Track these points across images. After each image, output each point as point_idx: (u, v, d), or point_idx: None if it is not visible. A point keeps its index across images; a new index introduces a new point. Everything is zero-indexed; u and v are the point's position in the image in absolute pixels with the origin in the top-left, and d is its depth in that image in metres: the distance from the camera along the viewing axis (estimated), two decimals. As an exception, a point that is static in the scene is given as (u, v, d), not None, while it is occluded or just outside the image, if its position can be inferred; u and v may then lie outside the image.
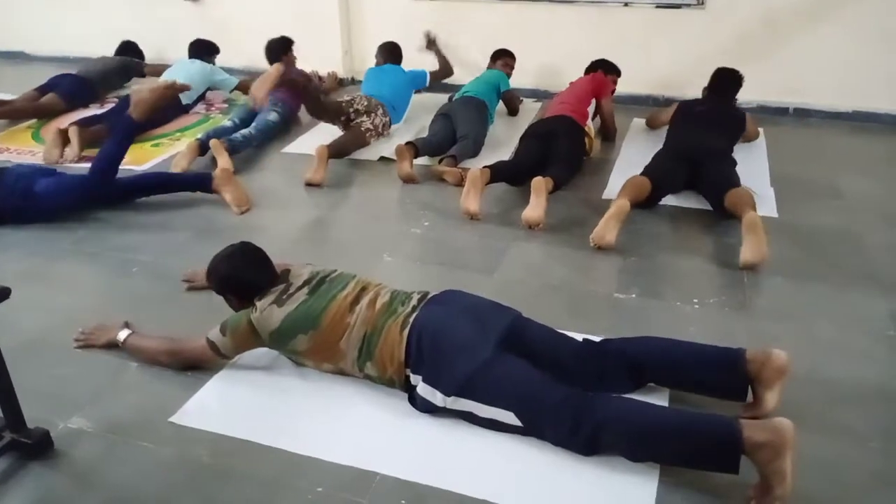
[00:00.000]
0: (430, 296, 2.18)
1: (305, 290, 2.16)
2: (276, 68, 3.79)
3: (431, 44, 4.94)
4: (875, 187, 3.60)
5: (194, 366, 2.24)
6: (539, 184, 3.17)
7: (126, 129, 3.38)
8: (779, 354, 1.96)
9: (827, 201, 3.43)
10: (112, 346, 2.35)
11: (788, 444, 1.67)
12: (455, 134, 4.02)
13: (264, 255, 2.27)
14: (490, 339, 2.01)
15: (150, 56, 5.69)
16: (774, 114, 4.67)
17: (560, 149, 3.58)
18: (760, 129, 4.28)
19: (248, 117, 4.38)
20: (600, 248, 2.95)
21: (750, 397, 2.00)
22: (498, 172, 3.39)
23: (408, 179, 3.70)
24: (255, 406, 2.11)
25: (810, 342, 2.36)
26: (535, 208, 3.13)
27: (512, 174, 3.43)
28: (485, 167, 3.36)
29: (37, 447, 1.91)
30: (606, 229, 2.93)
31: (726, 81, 3.98)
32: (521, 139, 3.79)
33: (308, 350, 2.13)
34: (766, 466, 1.69)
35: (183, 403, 2.10)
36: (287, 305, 2.11)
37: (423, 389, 2.00)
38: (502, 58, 4.74)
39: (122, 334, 2.33)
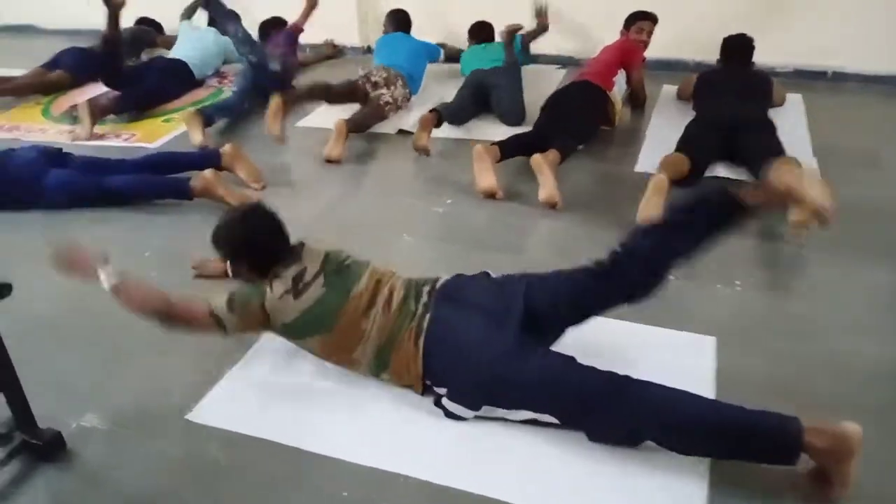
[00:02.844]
0: (438, 286, 2.02)
1: (321, 279, 1.97)
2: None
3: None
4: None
5: (184, 331, 1.99)
6: (537, 162, 3.00)
7: (175, 188, 3.15)
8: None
9: (869, 172, 3.25)
10: (91, 277, 1.98)
11: (853, 453, 1.56)
12: (482, 103, 3.86)
13: (280, 221, 2.05)
14: (507, 333, 1.85)
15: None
16: (811, 78, 4.45)
17: (573, 115, 3.42)
18: (798, 95, 4.08)
19: (245, 82, 4.25)
20: None
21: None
22: (509, 148, 3.22)
23: (421, 150, 3.54)
24: (274, 404, 2.00)
25: (858, 329, 2.21)
26: (545, 188, 2.97)
27: (527, 147, 3.23)
28: (493, 143, 3.20)
29: (48, 448, 1.83)
30: (650, 208, 2.75)
31: (740, 48, 3.80)
32: (541, 110, 3.62)
33: (321, 351, 2.02)
34: (828, 470, 1.60)
35: (199, 398, 2.01)
36: (303, 300, 1.93)
37: (451, 405, 1.88)
38: (485, 30, 4.52)
39: (106, 278, 1.92)
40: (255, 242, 2.01)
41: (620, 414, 1.71)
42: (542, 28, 4.50)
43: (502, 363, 1.79)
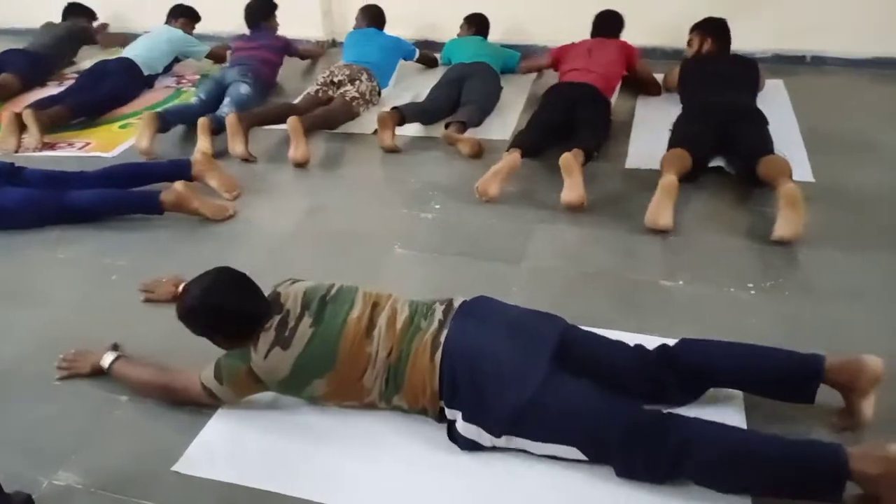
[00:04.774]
0: (456, 305, 1.87)
1: (307, 318, 1.78)
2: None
3: None
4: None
5: (190, 405, 1.91)
6: (568, 161, 2.82)
7: (144, 202, 2.91)
8: (874, 362, 1.69)
9: (864, 158, 3.15)
10: (98, 372, 2.04)
11: None
12: (458, 102, 3.68)
13: (250, 281, 1.84)
14: (538, 361, 1.70)
15: (112, 24, 5.22)
16: (790, 63, 4.36)
17: (586, 115, 3.25)
18: (779, 81, 4.00)
19: (216, 90, 3.96)
20: (656, 231, 2.64)
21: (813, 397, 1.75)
22: (527, 152, 3.04)
23: (389, 151, 3.41)
24: (271, 448, 1.80)
25: (889, 326, 2.11)
26: (572, 189, 2.79)
27: (537, 148, 3.10)
28: (513, 147, 3.04)
29: (17, 516, 1.61)
30: (660, 211, 2.62)
31: (724, 30, 3.67)
32: (541, 105, 3.45)
33: (327, 393, 1.82)
34: (879, 497, 1.48)
35: (186, 447, 1.80)
36: (294, 346, 1.75)
37: (466, 428, 1.71)
38: (483, 24, 4.35)
39: (108, 358, 2.02)
40: (229, 317, 1.79)
41: (664, 451, 1.58)
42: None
43: (539, 390, 1.64)
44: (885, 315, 2.17)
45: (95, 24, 5.16)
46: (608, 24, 3.93)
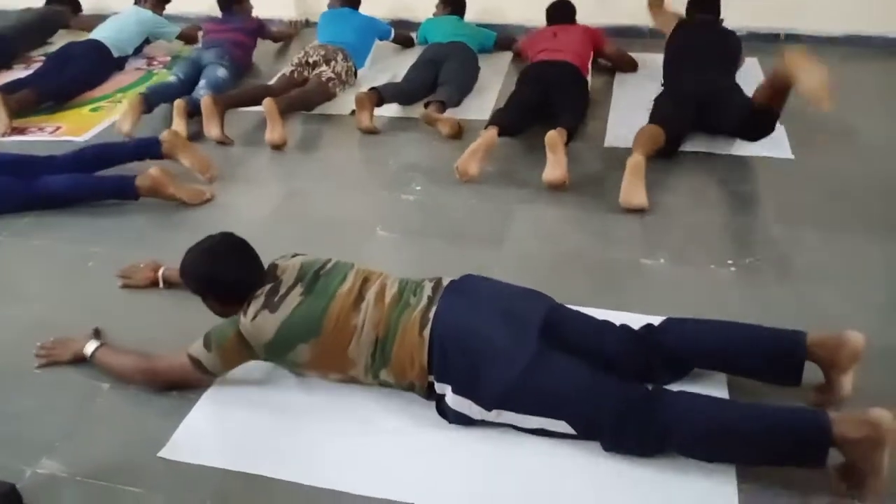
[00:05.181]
0: (445, 284, 1.88)
1: (299, 288, 1.82)
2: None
3: None
4: (890, 122, 3.34)
5: (176, 388, 1.90)
6: (554, 139, 2.82)
7: (119, 188, 2.84)
8: (855, 338, 1.71)
9: (842, 139, 3.18)
10: (80, 359, 2.01)
11: (887, 438, 1.48)
12: (436, 82, 3.66)
13: (250, 249, 1.89)
14: (528, 336, 1.72)
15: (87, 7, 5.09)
16: (765, 41, 4.39)
17: (566, 94, 3.27)
18: (754, 59, 4.03)
19: (193, 71, 3.89)
20: (630, 210, 2.66)
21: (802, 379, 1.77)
22: (504, 130, 3.04)
23: (368, 132, 3.39)
24: (258, 431, 1.80)
25: (866, 307, 2.14)
26: (555, 167, 2.80)
27: (515, 126, 3.11)
28: (490, 124, 3.03)
29: (1, 508, 1.59)
30: (632, 191, 2.64)
31: (701, 3, 3.72)
32: (519, 84, 3.44)
33: (311, 361, 1.82)
34: (860, 461, 1.52)
35: (172, 432, 1.78)
36: (281, 310, 1.77)
37: (455, 401, 1.72)
38: (459, 4, 4.31)
39: (90, 347, 1.99)
40: (224, 280, 1.85)
41: (653, 430, 1.61)
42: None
43: (529, 368, 1.66)
44: (862, 294, 2.20)
45: (80, 14, 5.02)
46: (561, 13, 3.96)
